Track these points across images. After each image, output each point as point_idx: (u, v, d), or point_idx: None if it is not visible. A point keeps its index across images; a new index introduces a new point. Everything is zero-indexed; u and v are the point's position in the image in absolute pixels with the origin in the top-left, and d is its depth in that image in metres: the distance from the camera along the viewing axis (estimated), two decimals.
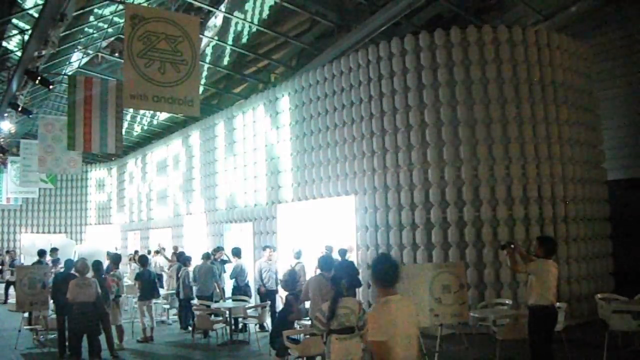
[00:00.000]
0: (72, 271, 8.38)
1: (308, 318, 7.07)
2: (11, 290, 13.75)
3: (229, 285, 11.17)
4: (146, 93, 7.24)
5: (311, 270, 9.39)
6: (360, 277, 9.58)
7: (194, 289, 10.36)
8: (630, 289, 8.05)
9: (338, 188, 10.88)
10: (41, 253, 11.91)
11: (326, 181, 11.16)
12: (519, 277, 8.76)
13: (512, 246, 6.16)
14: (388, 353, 3.14)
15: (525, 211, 9.20)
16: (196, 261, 11.00)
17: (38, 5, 10.53)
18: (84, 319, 7.53)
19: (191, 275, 10.49)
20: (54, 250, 12.98)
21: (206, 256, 10.76)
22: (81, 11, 11.26)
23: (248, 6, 13.06)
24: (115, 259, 10.09)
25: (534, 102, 9.52)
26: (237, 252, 10.77)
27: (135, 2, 10.88)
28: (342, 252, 9.45)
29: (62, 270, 9.54)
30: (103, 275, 8.61)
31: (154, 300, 10.13)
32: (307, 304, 7.12)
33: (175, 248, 14.50)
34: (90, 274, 7.98)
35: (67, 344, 8.21)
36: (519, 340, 6.46)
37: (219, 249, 11.95)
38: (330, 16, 12.42)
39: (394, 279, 3.42)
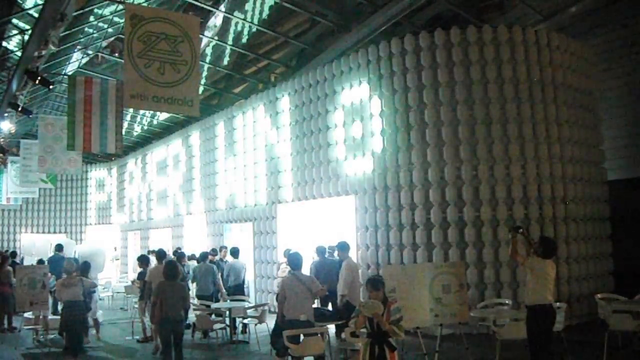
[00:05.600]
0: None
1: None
2: None
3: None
4: (146, 93, 7.23)
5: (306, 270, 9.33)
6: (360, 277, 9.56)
7: (195, 288, 10.37)
8: (630, 289, 8.05)
9: (338, 188, 10.88)
10: (59, 248, 12.44)
11: (326, 181, 11.16)
12: (519, 277, 8.77)
13: (520, 231, 6.15)
14: None
15: (525, 211, 9.20)
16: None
17: (38, 5, 10.52)
18: (71, 317, 7.65)
19: (191, 274, 10.51)
20: (59, 248, 12.98)
21: (204, 256, 10.77)
22: (81, 11, 11.25)
23: (248, 6, 13.06)
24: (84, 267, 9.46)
25: (534, 102, 9.52)
26: (232, 252, 10.83)
27: (135, 2, 10.87)
28: (321, 251, 9.08)
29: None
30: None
31: None
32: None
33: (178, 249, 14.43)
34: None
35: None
36: (519, 340, 6.46)
37: (222, 248, 11.96)
38: (330, 16, 12.41)
39: None
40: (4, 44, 13.23)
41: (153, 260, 10.71)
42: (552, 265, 5.99)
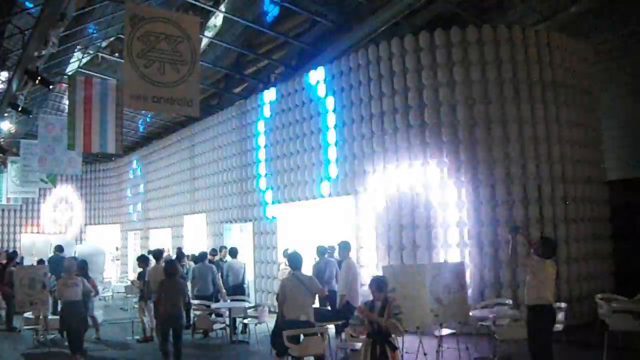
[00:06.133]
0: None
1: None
2: None
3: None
4: (146, 93, 7.22)
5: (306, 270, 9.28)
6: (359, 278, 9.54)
7: (194, 289, 10.34)
8: (630, 289, 8.05)
9: (338, 188, 10.88)
10: (59, 248, 12.55)
11: (327, 181, 11.16)
12: (519, 277, 8.77)
13: (520, 231, 6.16)
14: None
15: (526, 211, 9.20)
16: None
17: (38, 5, 10.52)
18: (71, 316, 7.70)
19: (190, 274, 10.50)
20: (59, 249, 12.96)
21: (203, 256, 10.75)
22: (81, 11, 11.25)
23: (248, 6, 13.04)
24: (82, 266, 9.28)
25: (534, 102, 9.52)
26: (231, 252, 10.83)
27: (135, 2, 10.86)
28: (322, 251, 9.03)
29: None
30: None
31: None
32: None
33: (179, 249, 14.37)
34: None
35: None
36: (519, 340, 6.46)
37: (222, 248, 11.93)
38: (330, 16, 12.41)
39: None
40: (4, 44, 13.22)
41: (153, 261, 10.71)
42: (552, 265, 5.99)
